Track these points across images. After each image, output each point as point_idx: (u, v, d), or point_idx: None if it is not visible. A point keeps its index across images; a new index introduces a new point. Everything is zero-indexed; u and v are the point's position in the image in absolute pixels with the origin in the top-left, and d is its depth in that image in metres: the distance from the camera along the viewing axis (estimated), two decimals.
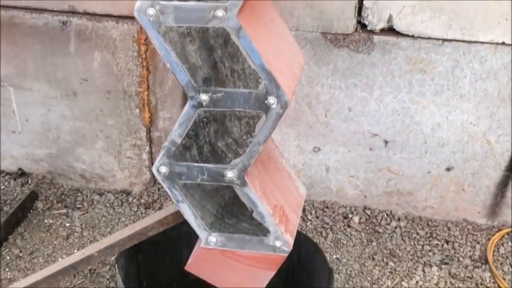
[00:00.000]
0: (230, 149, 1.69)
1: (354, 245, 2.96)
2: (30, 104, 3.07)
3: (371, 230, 3.06)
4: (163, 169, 1.73)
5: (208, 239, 1.84)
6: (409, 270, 2.83)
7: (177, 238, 2.28)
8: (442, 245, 2.98)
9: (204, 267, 1.94)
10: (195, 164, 1.72)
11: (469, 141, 2.90)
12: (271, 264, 1.88)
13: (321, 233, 3.02)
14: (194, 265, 1.93)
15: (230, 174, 1.70)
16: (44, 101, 3.05)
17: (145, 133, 3.08)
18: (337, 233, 3.02)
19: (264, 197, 1.77)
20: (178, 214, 1.89)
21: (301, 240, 2.21)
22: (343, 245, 2.96)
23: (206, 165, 1.71)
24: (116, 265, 2.08)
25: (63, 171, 3.26)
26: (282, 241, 1.81)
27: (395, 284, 2.75)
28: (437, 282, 2.77)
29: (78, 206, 3.15)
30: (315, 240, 2.73)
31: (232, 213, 1.82)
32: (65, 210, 3.11)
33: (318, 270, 2.21)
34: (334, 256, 2.89)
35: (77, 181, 3.28)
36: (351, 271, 2.81)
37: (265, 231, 1.80)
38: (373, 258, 2.89)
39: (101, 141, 3.13)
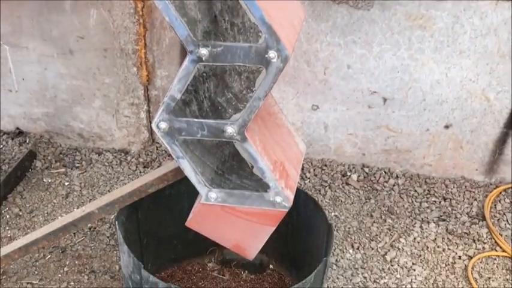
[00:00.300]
0: (230, 104, 1.68)
1: (352, 203, 2.98)
2: (26, 63, 3.04)
3: (369, 187, 3.07)
4: (163, 125, 1.71)
5: (209, 195, 1.84)
6: (406, 227, 2.85)
7: (177, 195, 2.28)
8: (440, 202, 3.00)
9: (204, 223, 1.94)
10: (195, 120, 1.70)
11: (468, 98, 2.89)
12: (271, 220, 1.89)
13: (320, 190, 3.03)
14: (194, 221, 1.94)
15: (230, 129, 1.69)
16: (40, 60, 3.02)
17: (143, 92, 3.06)
18: (335, 191, 3.03)
19: (264, 153, 1.77)
20: (178, 171, 1.89)
21: (301, 197, 2.22)
22: (342, 203, 2.97)
23: (206, 120, 1.70)
24: (116, 222, 2.09)
25: (61, 131, 3.25)
26: (282, 196, 1.81)
27: (393, 241, 2.77)
28: (435, 239, 2.79)
29: (77, 165, 3.15)
30: None
31: (233, 169, 1.83)
32: (63, 170, 3.11)
33: (317, 226, 2.22)
34: (333, 213, 2.91)
35: (75, 140, 3.27)
36: (349, 228, 2.83)
37: (265, 187, 1.81)
38: (371, 216, 2.91)
39: (99, 100, 3.11)
